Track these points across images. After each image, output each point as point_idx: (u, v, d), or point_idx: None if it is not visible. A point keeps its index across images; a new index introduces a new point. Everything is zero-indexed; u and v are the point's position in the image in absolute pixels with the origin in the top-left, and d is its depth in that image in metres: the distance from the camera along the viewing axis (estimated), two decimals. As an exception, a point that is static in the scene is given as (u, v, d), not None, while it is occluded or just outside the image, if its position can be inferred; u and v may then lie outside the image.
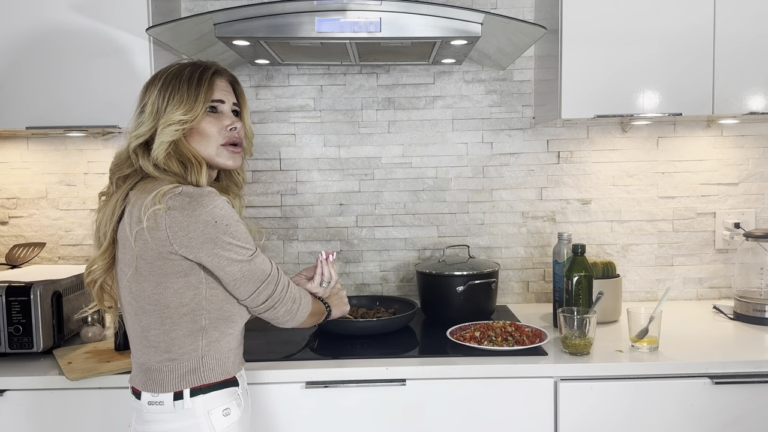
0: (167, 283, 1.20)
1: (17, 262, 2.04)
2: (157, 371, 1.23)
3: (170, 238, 1.17)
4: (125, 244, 1.21)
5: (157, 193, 1.17)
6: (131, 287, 1.22)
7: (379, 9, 1.59)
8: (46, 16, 1.79)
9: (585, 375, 1.57)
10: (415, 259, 2.23)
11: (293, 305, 1.32)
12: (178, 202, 1.16)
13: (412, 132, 2.20)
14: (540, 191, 2.21)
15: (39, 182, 2.17)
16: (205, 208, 1.17)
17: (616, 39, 1.82)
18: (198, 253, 1.18)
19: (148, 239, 1.17)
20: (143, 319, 1.23)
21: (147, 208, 1.16)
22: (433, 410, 1.57)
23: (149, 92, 1.27)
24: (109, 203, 1.26)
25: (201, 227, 1.17)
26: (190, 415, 1.22)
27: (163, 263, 1.19)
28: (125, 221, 1.21)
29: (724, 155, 2.19)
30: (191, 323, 1.22)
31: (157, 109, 1.24)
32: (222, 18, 1.60)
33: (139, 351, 1.26)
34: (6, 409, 1.55)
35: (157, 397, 1.23)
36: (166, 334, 1.22)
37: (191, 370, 1.23)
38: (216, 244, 1.18)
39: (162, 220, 1.16)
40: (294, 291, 1.33)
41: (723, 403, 1.57)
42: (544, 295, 2.24)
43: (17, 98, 1.81)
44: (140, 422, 1.27)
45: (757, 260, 1.96)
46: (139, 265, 1.20)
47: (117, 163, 1.29)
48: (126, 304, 1.26)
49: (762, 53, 1.82)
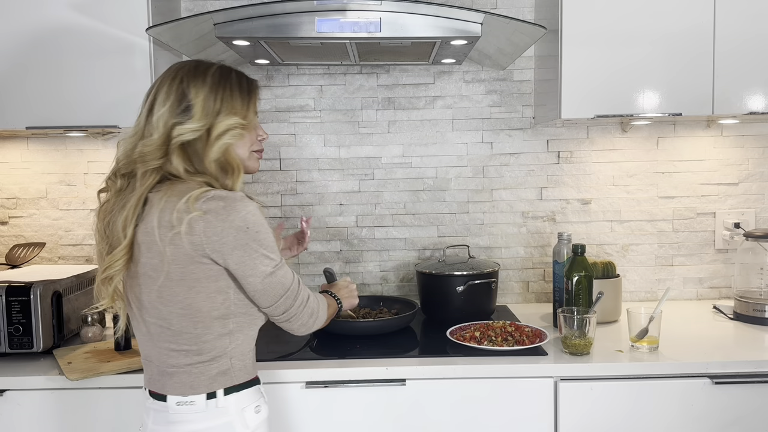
0: (199, 288, 1.19)
1: (17, 262, 2.04)
2: (187, 374, 1.23)
3: (204, 243, 1.16)
4: (151, 248, 1.18)
5: (189, 196, 1.15)
6: (162, 292, 1.19)
7: (379, 9, 1.59)
8: (47, 15, 1.79)
9: (585, 375, 1.57)
10: (415, 259, 2.23)
11: (309, 319, 1.31)
12: (213, 205, 1.15)
13: (412, 132, 2.20)
14: (540, 191, 2.21)
15: (39, 182, 2.17)
16: (239, 213, 1.17)
17: (616, 39, 1.82)
18: (227, 259, 1.18)
19: (182, 244, 1.15)
20: (174, 323, 1.21)
21: (181, 213, 1.14)
22: (433, 410, 1.57)
23: (194, 89, 1.21)
24: (129, 200, 1.19)
25: (234, 233, 1.16)
26: (224, 413, 1.23)
27: (195, 268, 1.18)
28: (151, 225, 1.17)
29: (724, 155, 2.19)
30: (221, 327, 1.23)
31: (210, 110, 1.21)
32: (222, 18, 1.60)
33: (163, 354, 1.24)
34: (6, 409, 1.55)
35: (187, 397, 1.22)
36: (198, 337, 1.21)
37: (222, 371, 1.24)
38: (245, 251, 1.18)
39: (197, 224, 1.15)
40: (312, 305, 1.31)
41: (723, 403, 1.57)
42: (544, 295, 2.24)
43: (17, 98, 1.81)
44: (162, 423, 1.25)
45: (757, 260, 1.96)
46: (171, 270, 1.17)
47: (147, 152, 1.20)
48: (150, 307, 1.22)
49: (762, 53, 1.82)
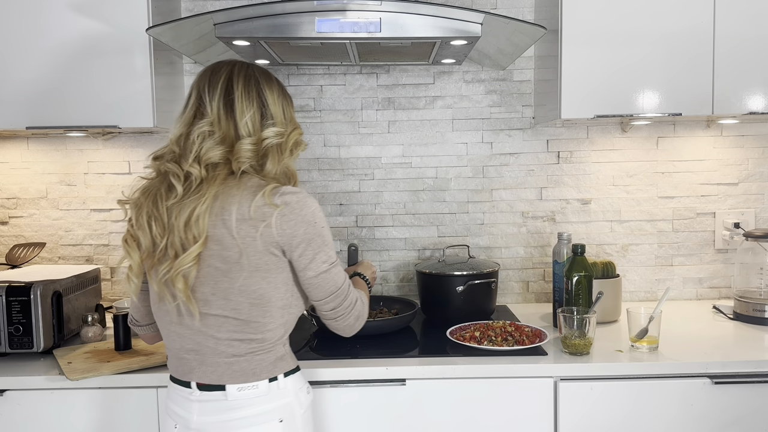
0: (270, 278, 1.25)
1: (17, 262, 2.04)
2: (248, 361, 1.26)
3: (277, 235, 1.22)
4: (222, 240, 1.21)
5: (264, 191, 1.21)
6: (235, 282, 1.23)
7: (379, 9, 1.59)
8: (47, 15, 1.79)
9: (585, 375, 1.57)
10: (415, 259, 2.23)
11: (356, 322, 1.36)
12: (288, 199, 1.22)
13: (412, 132, 2.20)
14: (540, 191, 2.21)
15: (39, 182, 2.17)
16: (309, 209, 1.25)
17: (615, 39, 1.82)
18: (293, 251, 1.24)
19: (259, 236, 1.21)
20: (243, 313, 1.24)
21: (259, 206, 1.20)
22: (433, 410, 1.58)
23: (270, 95, 1.29)
24: (204, 195, 1.21)
25: (304, 226, 1.23)
26: (284, 395, 1.29)
27: (268, 259, 1.23)
28: (224, 218, 1.21)
29: (723, 155, 2.19)
30: (280, 316, 1.28)
31: (287, 116, 1.32)
32: (222, 18, 1.60)
33: (222, 345, 1.25)
34: (6, 409, 1.55)
35: (250, 383, 1.27)
36: (264, 326, 1.26)
37: (279, 357, 1.30)
38: (309, 244, 1.25)
39: (274, 217, 1.21)
40: (359, 308, 1.35)
41: (723, 403, 1.57)
42: (543, 295, 2.24)
43: (17, 98, 1.81)
44: (216, 412, 1.27)
45: (757, 260, 1.96)
46: (248, 261, 1.22)
47: (243, 150, 1.24)
48: (213, 299, 1.24)
49: (762, 53, 1.82)
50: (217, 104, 1.26)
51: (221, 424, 1.27)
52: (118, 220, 2.18)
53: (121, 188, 2.16)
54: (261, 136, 1.26)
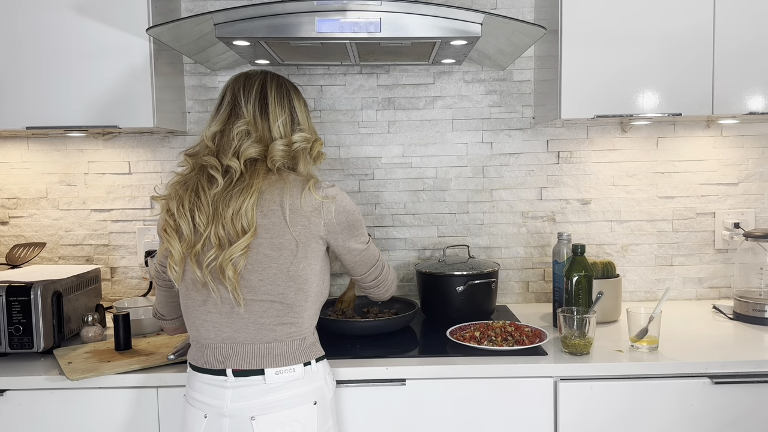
0: (314, 264, 1.35)
1: (17, 262, 2.04)
2: (287, 345, 1.33)
3: (322, 224, 1.34)
4: (270, 230, 1.30)
5: (308, 185, 1.33)
6: (283, 268, 1.31)
7: (379, 9, 1.59)
8: (47, 15, 1.79)
9: (585, 375, 1.57)
10: (415, 259, 2.23)
11: (392, 285, 1.56)
12: (329, 192, 1.35)
13: (412, 132, 2.20)
14: (540, 191, 2.21)
15: (39, 182, 2.17)
16: (346, 200, 1.39)
17: (615, 39, 1.82)
18: (335, 238, 1.38)
19: (310, 224, 1.32)
20: (289, 297, 1.32)
21: (306, 197, 1.32)
22: (433, 410, 1.58)
23: (297, 102, 1.41)
24: (252, 188, 1.29)
25: (345, 215, 1.37)
26: (317, 378, 1.36)
27: (314, 246, 1.34)
28: (272, 209, 1.30)
29: (723, 155, 2.19)
30: (314, 303, 1.38)
31: (311, 126, 1.44)
32: (222, 18, 1.60)
33: (264, 330, 1.32)
34: (6, 409, 1.56)
35: (288, 366, 1.33)
36: (305, 311, 1.35)
37: (312, 343, 1.38)
38: (350, 231, 1.39)
39: (320, 207, 1.33)
40: (391, 273, 1.55)
41: (722, 403, 1.57)
42: (543, 295, 2.24)
43: (17, 98, 1.81)
44: (251, 397, 1.30)
45: (757, 260, 1.96)
46: (299, 249, 1.31)
47: (277, 150, 1.34)
48: (260, 285, 1.31)
49: (762, 53, 1.82)
50: (253, 107, 1.36)
51: (258, 407, 1.30)
52: (118, 220, 2.18)
53: (121, 188, 2.17)
54: (291, 139, 1.37)
